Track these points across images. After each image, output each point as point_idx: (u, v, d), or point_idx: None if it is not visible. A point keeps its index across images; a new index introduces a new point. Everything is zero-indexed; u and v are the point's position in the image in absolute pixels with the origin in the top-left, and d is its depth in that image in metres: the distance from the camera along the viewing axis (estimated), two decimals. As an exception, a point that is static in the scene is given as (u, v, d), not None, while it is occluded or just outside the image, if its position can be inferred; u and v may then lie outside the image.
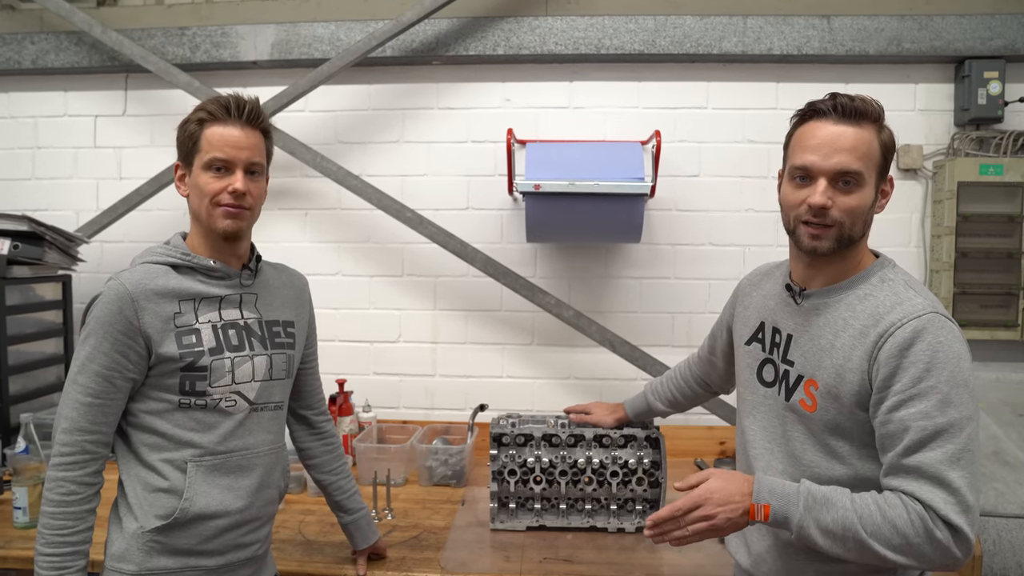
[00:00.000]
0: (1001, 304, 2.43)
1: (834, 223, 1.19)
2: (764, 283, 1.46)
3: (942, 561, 1.10)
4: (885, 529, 1.10)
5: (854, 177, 1.18)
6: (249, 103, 1.37)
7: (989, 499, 1.83)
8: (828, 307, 1.26)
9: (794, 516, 1.15)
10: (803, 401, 1.25)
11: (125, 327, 1.28)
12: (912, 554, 1.10)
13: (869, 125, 1.19)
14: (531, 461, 1.90)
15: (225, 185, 1.34)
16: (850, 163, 1.17)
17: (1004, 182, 2.39)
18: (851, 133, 1.18)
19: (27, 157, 2.80)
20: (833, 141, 1.18)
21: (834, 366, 1.20)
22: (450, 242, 2.47)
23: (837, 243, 1.21)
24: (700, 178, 2.59)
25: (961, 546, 1.08)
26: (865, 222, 1.22)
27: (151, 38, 2.63)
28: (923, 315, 1.14)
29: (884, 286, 1.22)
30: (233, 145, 1.34)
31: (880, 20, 2.45)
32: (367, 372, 2.70)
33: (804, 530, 1.14)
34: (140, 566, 1.31)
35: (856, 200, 1.19)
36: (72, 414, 1.28)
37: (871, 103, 1.20)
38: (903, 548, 1.10)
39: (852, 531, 1.11)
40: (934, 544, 1.08)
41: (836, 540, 1.12)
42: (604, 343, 2.45)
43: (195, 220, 1.39)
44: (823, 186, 1.19)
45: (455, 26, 2.54)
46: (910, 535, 1.09)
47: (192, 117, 1.36)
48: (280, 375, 1.46)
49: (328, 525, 1.89)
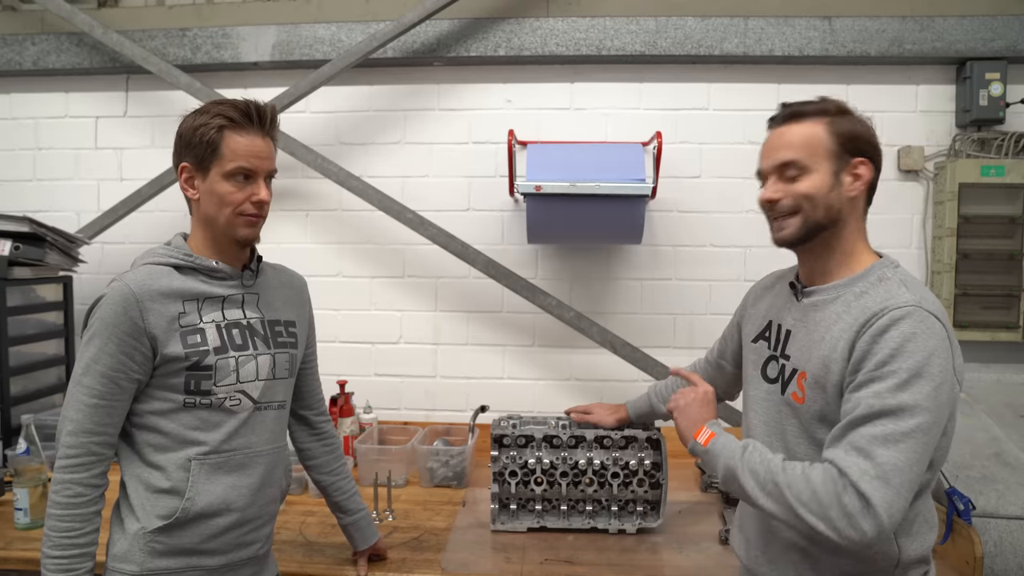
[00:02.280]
0: (1002, 305, 2.43)
1: (791, 210, 1.27)
2: (776, 285, 1.48)
3: (847, 531, 1.09)
4: (800, 482, 1.14)
5: (794, 165, 1.26)
6: (270, 110, 1.38)
7: (990, 501, 1.82)
8: (826, 304, 1.27)
9: (727, 452, 1.25)
10: (795, 394, 1.28)
11: (130, 328, 1.28)
12: (820, 514, 1.11)
13: (813, 119, 1.26)
14: (532, 462, 1.90)
15: (249, 195, 1.35)
16: (785, 155, 1.26)
17: (1005, 183, 2.39)
18: (788, 130, 1.28)
19: (28, 158, 2.80)
20: (772, 143, 1.31)
21: (821, 357, 1.23)
22: (451, 243, 2.47)
23: (803, 228, 1.27)
24: (701, 179, 2.59)
25: (869, 520, 1.07)
26: (831, 206, 1.25)
27: (152, 39, 2.63)
28: (905, 307, 1.16)
29: (880, 285, 1.23)
30: (257, 155, 1.35)
31: (881, 21, 2.44)
32: (368, 373, 2.70)
33: (731, 467, 1.22)
34: (142, 566, 1.31)
35: (804, 185, 1.25)
36: (77, 416, 1.28)
37: (814, 102, 1.28)
38: (813, 505, 1.11)
39: (773, 475, 1.17)
40: (840, 509, 1.09)
41: (759, 481, 1.18)
42: (605, 344, 2.45)
43: (206, 224, 1.38)
44: (769, 183, 1.31)
45: (456, 27, 2.54)
46: (819, 492, 1.11)
47: (210, 122, 1.32)
48: (283, 374, 1.46)
49: (329, 526, 1.88)
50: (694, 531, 1.92)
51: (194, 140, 1.34)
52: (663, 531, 1.92)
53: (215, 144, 1.32)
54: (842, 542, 1.10)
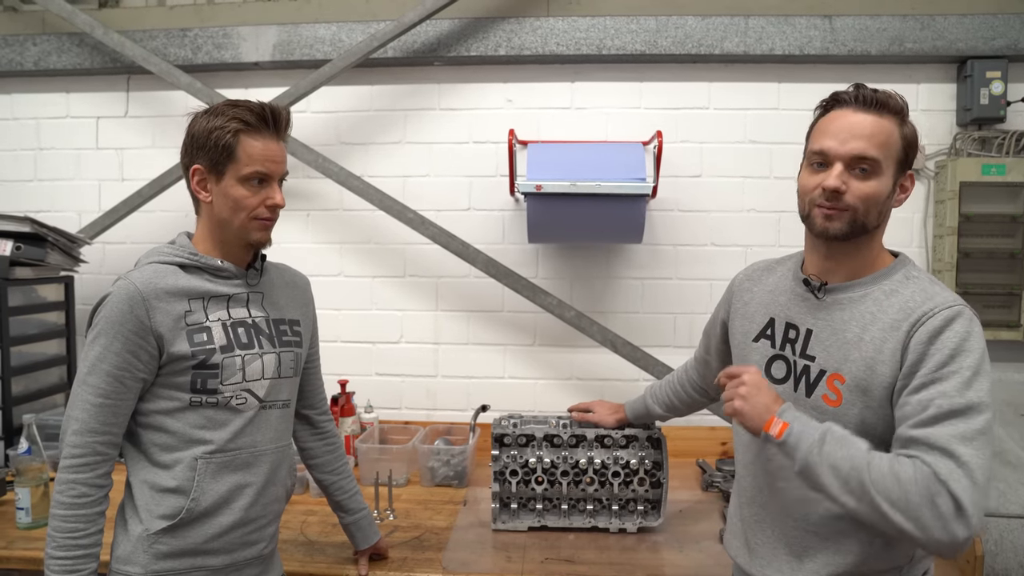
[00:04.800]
0: (1003, 304, 2.43)
1: (848, 207, 1.20)
2: (765, 278, 1.44)
3: (939, 534, 1.03)
4: (889, 480, 1.06)
5: (870, 163, 1.19)
6: (285, 114, 1.38)
7: (991, 499, 1.82)
8: (853, 302, 1.25)
9: (805, 445, 1.13)
10: (826, 396, 1.23)
11: (136, 327, 1.28)
12: (910, 515, 1.04)
13: (891, 116, 1.20)
14: (533, 462, 1.90)
15: (263, 199, 1.35)
16: (867, 149, 1.18)
17: (1006, 182, 2.39)
18: (870, 121, 1.19)
19: (29, 158, 2.81)
20: (852, 128, 1.20)
21: (863, 359, 1.19)
22: (452, 243, 2.47)
23: (850, 227, 1.21)
24: (702, 178, 2.59)
25: (961, 525, 1.03)
26: (880, 212, 1.23)
27: (153, 39, 2.63)
28: (955, 306, 1.15)
29: (910, 283, 1.23)
30: (272, 159, 1.35)
31: (882, 20, 2.44)
32: (369, 373, 2.70)
33: (811, 463, 1.12)
34: (146, 568, 1.31)
35: (871, 187, 1.19)
36: (82, 415, 1.28)
37: (895, 97, 1.21)
38: (902, 505, 1.05)
39: (858, 472, 1.08)
40: (934, 511, 1.03)
41: (841, 478, 1.09)
42: (606, 344, 2.45)
43: (217, 226, 1.38)
44: (838, 170, 1.20)
45: (457, 27, 2.54)
46: (911, 492, 1.05)
47: (226, 125, 1.31)
48: (288, 373, 1.46)
49: (330, 525, 1.89)
50: (695, 530, 1.92)
51: (208, 143, 1.32)
52: (664, 530, 1.92)
53: (231, 148, 1.32)
54: (928, 544, 1.05)
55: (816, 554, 1.25)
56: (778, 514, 1.30)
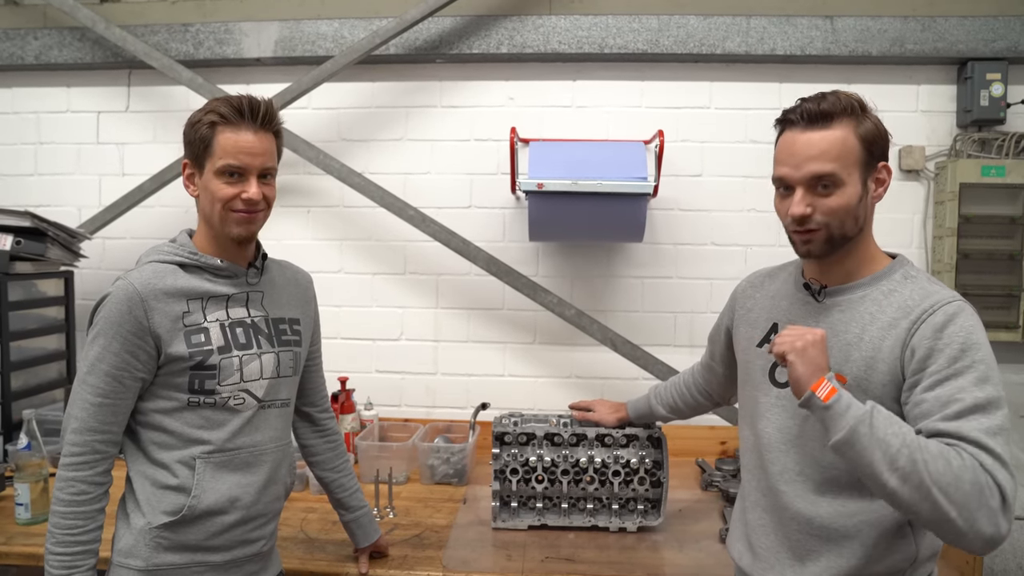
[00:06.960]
0: (1002, 306, 2.43)
1: (819, 226, 1.21)
2: (767, 284, 1.45)
3: (986, 527, 1.01)
4: (940, 463, 1.02)
5: (829, 179, 1.19)
6: (263, 105, 1.35)
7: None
8: (852, 303, 1.26)
9: (855, 414, 1.07)
10: None
11: (135, 327, 1.28)
12: (958, 503, 1.00)
13: (842, 122, 1.19)
14: (533, 460, 1.90)
15: (238, 192, 1.33)
16: (822, 167, 1.18)
17: (1006, 184, 2.39)
18: (819, 138, 1.19)
19: (30, 153, 2.80)
20: (803, 150, 1.20)
21: (863, 358, 1.20)
22: (452, 240, 2.47)
23: (828, 244, 1.22)
24: (703, 178, 2.59)
25: (1005, 519, 1.01)
26: (857, 217, 1.22)
27: (154, 34, 2.62)
28: (955, 301, 1.16)
29: (908, 283, 1.23)
30: (247, 152, 1.33)
31: (883, 21, 2.45)
32: (369, 370, 2.70)
33: (860, 433, 1.06)
34: (147, 561, 1.32)
35: (837, 200, 1.19)
36: (82, 414, 1.28)
37: (841, 98, 1.20)
38: (952, 491, 1.01)
39: (910, 450, 1.03)
40: (983, 501, 1.01)
41: (890, 456, 1.03)
42: (606, 342, 2.45)
43: (205, 221, 1.39)
44: (799, 195, 1.21)
45: (459, 24, 2.54)
46: (963, 479, 1.01)
47: (204, 118, 1.32)
48: (287, 372, 1.46)
49: (330, 523, 1.89)
50: (695, 529, 1.93)
51: (190, 137, 1.34)
52: (664, 529, 1.92)
53: (207, 141, 1.32)
54: (968, 535, 1.02)
55: (819, 557, 1.25)
56: (782, 518, 1.30)
